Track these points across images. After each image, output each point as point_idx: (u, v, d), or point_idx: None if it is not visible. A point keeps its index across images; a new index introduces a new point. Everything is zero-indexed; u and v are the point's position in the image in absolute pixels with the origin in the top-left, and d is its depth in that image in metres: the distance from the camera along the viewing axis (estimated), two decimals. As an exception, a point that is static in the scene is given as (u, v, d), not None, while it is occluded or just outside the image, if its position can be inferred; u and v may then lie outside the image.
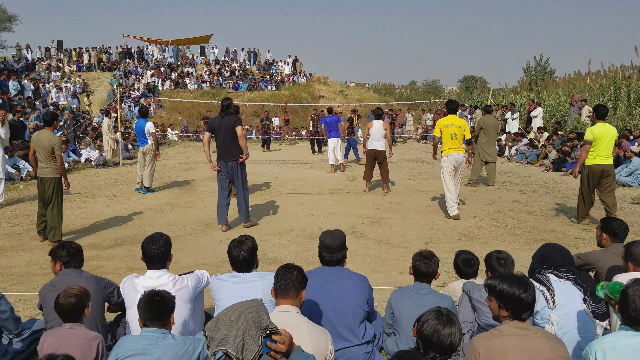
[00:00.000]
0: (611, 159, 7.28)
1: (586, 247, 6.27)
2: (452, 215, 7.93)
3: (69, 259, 3.56)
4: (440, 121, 8.09)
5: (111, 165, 14.60)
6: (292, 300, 2.77)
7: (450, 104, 8.21)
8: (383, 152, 10.05)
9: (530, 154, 14.77)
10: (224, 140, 7.08)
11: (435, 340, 2.32)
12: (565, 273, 3.32)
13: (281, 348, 2.24)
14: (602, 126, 7.17)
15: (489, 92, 18.45)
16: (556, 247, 3.50)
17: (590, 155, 7.23)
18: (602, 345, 2.54)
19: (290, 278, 2.76)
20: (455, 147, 7.90)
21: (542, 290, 3.24)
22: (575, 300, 3.22)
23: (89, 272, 3.61)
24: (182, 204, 9.28)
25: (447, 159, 7.94)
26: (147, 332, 2.64)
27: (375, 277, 5.26)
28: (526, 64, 36.67)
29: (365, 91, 41.60)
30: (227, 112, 7.12)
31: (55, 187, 6.61)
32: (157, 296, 2.67)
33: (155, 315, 2.65)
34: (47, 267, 5.75)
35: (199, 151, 18.57)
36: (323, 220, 7.88)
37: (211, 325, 2.27)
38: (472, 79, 49.45)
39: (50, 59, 32.29)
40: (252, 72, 35.12)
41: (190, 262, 5.90)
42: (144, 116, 10.68)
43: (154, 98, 28.41)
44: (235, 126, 7.01)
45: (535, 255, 3.54)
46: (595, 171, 7.21)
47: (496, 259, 3.57)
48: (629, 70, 19.46)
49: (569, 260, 3.41)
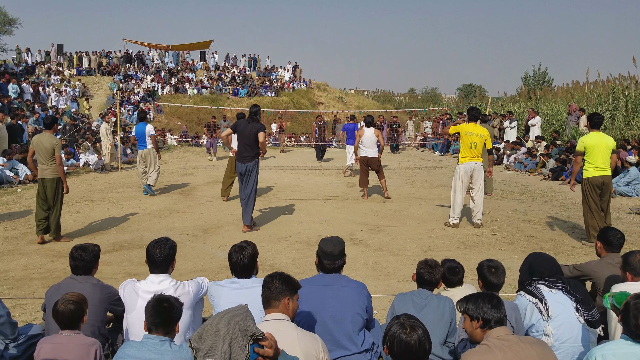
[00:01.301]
0: (609, 170, 6.90)
1: (584, 256, 6.27)
2: (452, 224, 7.91)
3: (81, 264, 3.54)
4: (462, 126, 7.76)
5: (109, 169, 14.59)
6: (277, 309, 2.76)
7: (473, 112, 7.85)
8: (376, 159, 10.07)
9: (528, 163, 14.80)
10: (245, 143, 7.45)
11: (409, 354, 2.27)
12: (555, 283, 3.32)
13: (269, 352, 2.26)
14: (596, 135, 6.91)
15: (487, 101, 18.51)
16: (542, 257, 3.48)
17: (588, 167, 6.91)
18: (603, 351, 2.56)
19: (269, 288, 2.76)
20: (472, 157, 7.68)
21: (535, 303, 3.23)
22: (569, 310, 3.22)
23: (96, 279, 3.59)
24: (181, 209, 9.27)
25: (464, 167, 7.73)
26: (148, 338, 2.63)
27: (373, 285, 5.25)
28: (525, 73, 36.92)
29: (365, 98, 41.73)
30: (255, 118, 7.46)
31: (57, 187, 6.86)
32: (166, 302, 2.66)
33: (162, 322, 2.64)
34: (44, 272, 5.73)
35: (198, 156, 18.60)
36: (322, 227, 7.88)
37: (197, 336, 2.24)
38: (470, 87, 49.65)
39: (50, 62, 32.31)
40: (252, 78, 35.20)
41: (188, 268, 5.89)
42: (142, 120, 10.77)
43: (153, 103, 28.42)
44: (258, 132, 7.36)
45: (523, 267, 3.53)
46: (596, 183, 6.85)
47: (487, 267, 3.56)
48: (627, 81, 19.53)
49: (556, 269, 3.41)
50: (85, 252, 3.54)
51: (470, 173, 7.72)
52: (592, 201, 6.91)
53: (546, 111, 20.94)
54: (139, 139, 10.67)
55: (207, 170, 15.28)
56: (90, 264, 3.56)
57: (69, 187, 7.15)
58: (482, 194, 7.88)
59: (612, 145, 6.92)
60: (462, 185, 7.76)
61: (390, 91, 49.77)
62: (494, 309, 2.59)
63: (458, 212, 7.88)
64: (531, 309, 3.25)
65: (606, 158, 6.86)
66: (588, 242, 6.94)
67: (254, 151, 7.46)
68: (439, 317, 3.35)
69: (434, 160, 18.76)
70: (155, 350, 2.60)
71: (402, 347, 2.27)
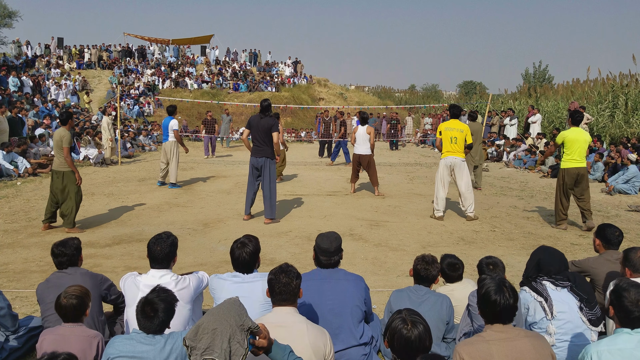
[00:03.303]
0: (585, 162, 7.53)
1: (583, 253, 6.29)
2: (437, 217, 8.13)
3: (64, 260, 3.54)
4: (442, 125, 8.19)
5: (109, 163, 14.59)
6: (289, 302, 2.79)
7: (453, 109, 8.29)
8: (367, 156, 10.06)
9: (528, 160, 14.81)
10: (258, 138, 7.58)
11: (409, 349, 2.29)
12: (562, 281, 3.28)
13: (263, 343, 2.29)
14: (576, 131, 7.44)
15: (488, 98, 18.50)
16: (551, 254, 3.40)
17: (566, 159, 7.51)
18: (598, 348, 2.58)
19: (288, 290, 2.76)
20: (453, 151, 7.99)
21: (540, 302, 3.21)
22: (573, 309, 3.21)
23: (84, 269, 3.61)
24: (181, 203, 9.28)
25: (444, 162, 8.07)
26: (137, 333, 2.66)
27: (373, 280, 5.27)
28: (525, 71, 36.92)
29: (365, 94, 41.63)
30: (266, 114, 7.58)
31: (68, 179, 7.17)
32: (155, 305, 2.64)
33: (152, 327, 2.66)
34: (44, 264, 5.74)
35: (198, 151, 18.59)
36: (322, 222, 7.89)
37: (191, 334, 2.22)
38: (471, 84, 49.63)
39: (50, 56, 32.23)
40: (253, 73, 35.12)
41: (188, 262, 5.91)
42: (171, 114, 11.14)
43: (153, 97, 28.38)
44: (272, 131, 7.53)
45: (530, 262, 3.46)
46: (572, 174, 7.42)
47: (486, 264, 3.58)
48: (627, 79, 19.54)
49: (564, 266, 3.36)
50: (66, 247, 3.53)
51: (451, 167, 8.02)
52: (563, 189, 7.57)
53: (546, 108, 20.96)
54: (164, 132, 11.17)
55: (207, 165, 15.29)
56: (73, 257, 3.55)
57: (81, 177, 7.41)
58: (470, 188, 8.11)
59: (589, 140, 7.56)
60: (442, 179, 8.08)
61: (390, 87, 49.75)
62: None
63: (442, 205, 8.18)
64: (534, 306, 3.24)
65: (583, 151, 7.48)
66: (554, 226, 7.74)
67: (269, 147, 7.58)
68: (436, 315, 3.36)
69: (434, 156, 18.76)
70: (147, 341, 2.62)
71: (402, 342, 2.29)
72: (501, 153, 16.68)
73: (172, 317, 2.71)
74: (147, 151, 18.86)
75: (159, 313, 2.61)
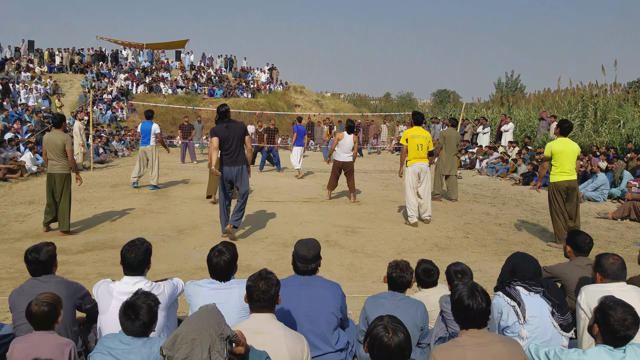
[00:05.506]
0: (574, 174, 7.08)
1: (553, 259, 6.44)
2: (412, 224, 8.22)
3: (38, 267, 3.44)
4: (407, 132, 8.30)
5: (81, 169, 14.33)
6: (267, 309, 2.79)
7: (416, 116, 8.49)
8: (349, 163, 10.21)
9: (500, 168, 15.09)
10: (234, 147, 7.01)
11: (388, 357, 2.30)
12: (535, 286, 3.35)
13: (240, 350, 2.30)
14: (563, 142, 7.05)
15: (461, 106, 18.81)
16: (526, 259, 3.48)
17: (555, 172, 7.07)
18: (569, 357, 2.63)
19: (267, 297, 2.75)
20: (420, 158, 8.19)
21: (513, 306, 3.28)
22: (545, 314, 3.28)
23: (60, 277, 3.53)
24: (155, 209, 9.17)
25: (412, 168, 8.21)
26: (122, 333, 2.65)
27: (349, 286, 5.29)
28: (498, 80, 37.52)
29: (341, 101, 41.76)
30: (230, 119, 7.05)
31: (65, 182, 7.23)
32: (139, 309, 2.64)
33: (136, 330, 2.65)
34: (14, 271, 5.61)
35: (172, 157, 18.37)
36: (297, 229, 7.89)
37: (169, 344, 2.19)
38: (445, 92, 50.27)
39: (20, 59, 31.50)
40: (228, 79, 34.96)
41: (162, 269, 5.83)
42: (149, 118, 11.50)
43: (127, 102, 27.97)
44: (246, 134, 7.15)
45: (505, 267, 3.52)
46: (562, 187, 7.03)
47: (454, 272, 3.62)
48: (596, 89, 20.08)
49: (538, 272, 3.44)
50: (40, 253, 3.41)
51: (418, 173, 8.20)
52: (557, 205, 7.10)
53: (518, 117, 21.39)
54: (144, 136, 11.36)
55: (181, 170, 15.14)
56: (48, 264, 3.44)
57: (81, 178, 7.65)
58: (428, 192, 8.35)
59: (577, 151, 7.13)
60: (411, 185, 8.24)
61: (366, 95, 49.97)
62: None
63: (414, 211, 8.27)
64: (507, 310, 3.30)
65: (572, 163, 7.05)
66: (554, 244, 7.16)
67: (243, 153, 7.13)
68: (410, 320, 3.38)
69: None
70: (126, 341, 2.62)
71: (382, 349, 2.31)
72: (474, 161, 16.96)
73: (155, 320, 2.70)
74: (120, 157, 18.58)
75: (139, 315, 2.61)
